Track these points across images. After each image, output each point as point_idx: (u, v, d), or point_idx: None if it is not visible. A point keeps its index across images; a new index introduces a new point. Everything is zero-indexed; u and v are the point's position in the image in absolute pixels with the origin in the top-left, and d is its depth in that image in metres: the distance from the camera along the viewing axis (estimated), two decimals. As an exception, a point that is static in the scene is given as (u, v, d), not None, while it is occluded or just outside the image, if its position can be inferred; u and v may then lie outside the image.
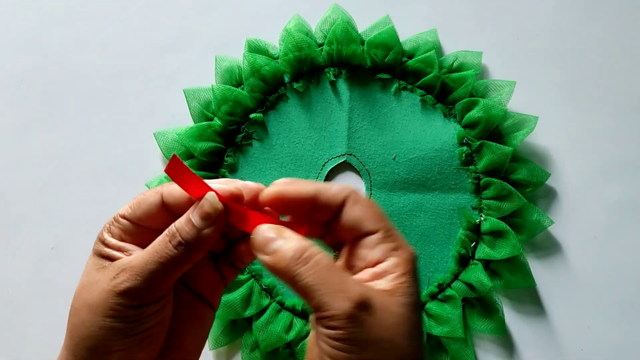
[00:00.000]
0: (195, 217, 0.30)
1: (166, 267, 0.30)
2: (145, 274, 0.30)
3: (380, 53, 0.52)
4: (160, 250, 0.30)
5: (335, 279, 0.28)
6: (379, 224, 0.31)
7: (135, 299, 0.30)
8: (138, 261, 0.30)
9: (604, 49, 0.54)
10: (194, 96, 0.53)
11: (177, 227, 0.31)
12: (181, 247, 0.30)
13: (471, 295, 0.49)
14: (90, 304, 0.30)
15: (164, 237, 0.30)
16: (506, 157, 0.50)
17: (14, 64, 0.56)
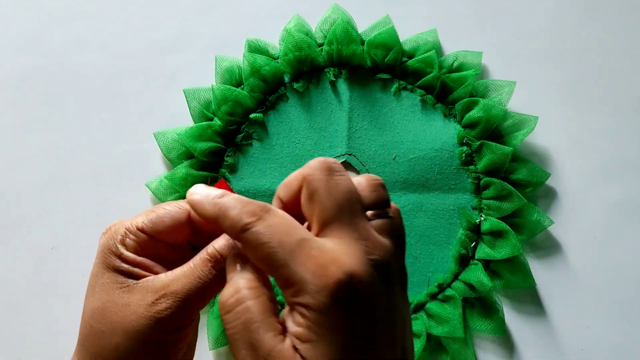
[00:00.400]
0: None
1: (206, 291, 0.29)
2: (187, 299, 0.28)
3: (380, 53, 0.52)
4: (202, 276, 0.28)
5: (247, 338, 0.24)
6: (273, 271, 0.25)
7: (174, 324, 0.29)
8: (179, 286, 0.29)
9: (604, 49, 0.54)
10: (194, 96, 0.53)
11: (219, 251, 0.29)
12: (224, 272, 0.28)
13: (471, 295, 0.49)
14: (126, 328, 0.29)
15: (205, 260, 0.29)
16: (506, 157, 0.50)
17: (14, 64, 0.56)
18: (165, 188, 0.51)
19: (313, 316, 0.23)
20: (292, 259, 0.24)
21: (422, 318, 0.49)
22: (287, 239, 0.24)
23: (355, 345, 0.23)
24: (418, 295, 0.50)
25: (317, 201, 0.26)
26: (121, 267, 0.30)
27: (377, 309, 0.24)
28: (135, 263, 0.30)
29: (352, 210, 0.26)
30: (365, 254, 0.24)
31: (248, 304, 0.25)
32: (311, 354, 0.23)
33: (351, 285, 0.23)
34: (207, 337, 0.49)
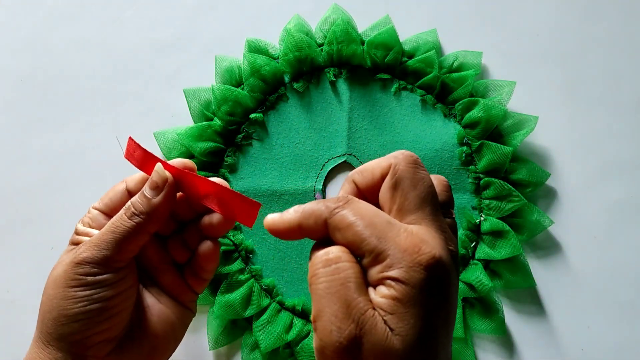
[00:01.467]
0: (146, 188, 0.33)
1: (122, 237, 0.32)
2: (102, 244, 0.32)
3: (380, 53, 0.52)
4: (115, 222, 0.33)
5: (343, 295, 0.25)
6: (363, 247, 0.26)
7: (93, 268, 0.32)
8: (96, 235, 0.33)
9: (604, 49, 0.54)
10: (194, 96, 0.53)
11: (131, 201, 0.33)
12: (135, 218, 0.33)
13: (471, 295, 0.49)
14: (54, 278, 0.33)
15: (121, 211, 0.33)
16: (506, 157, 0.50)
17: (14, 64, 0.56)
18: (165, 188, 0.51)
19: (404, 289, 0.25)
20: (383, 238, 0.26)
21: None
22: (376, 220, 0.26)
23: (435, 321, 0.25)
24: (418, 295, 0.50)
25: (402, 190, 0.27)
26: (74, 238, 0.35)
27: (452, 293, 0.26)
28: (84, 233, 0.35)
29: (433, 204, 0.28)
30: (445, 244, 0.26)
31: (350, 264, 0.26)
32: (397, 325, 0.24)
33: (440, 266, 0.25)
34: (207, 337, 0.49)
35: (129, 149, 0.34)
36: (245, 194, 0.52)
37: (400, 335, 0.24)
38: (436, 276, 0.25)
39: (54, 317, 0.32)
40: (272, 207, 0.52)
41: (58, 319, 0.31)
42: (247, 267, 0.51)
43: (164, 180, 0.33)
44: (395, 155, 0.29)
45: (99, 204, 0.36)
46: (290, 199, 0.52)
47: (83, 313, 0.31)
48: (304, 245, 0.51)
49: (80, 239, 0.34)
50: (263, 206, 0.52)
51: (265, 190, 0.52)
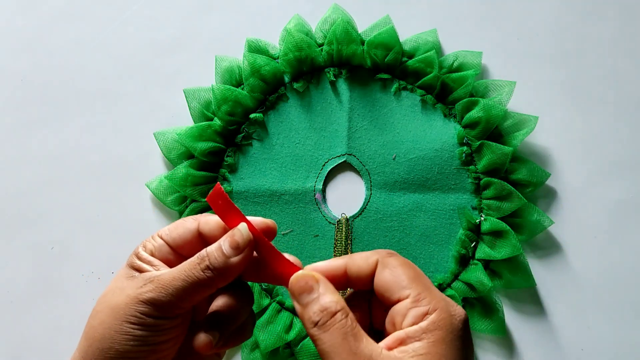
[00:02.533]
0: (226, 245, 0.32)
1: (191, 287, 0.31)
2: (171, 289, 0.31)
3: (380, 53, 0.52)
4: (187, 270, 0.31)
5: (347, 349, 0.28)
6: (408, 289, 0.30)
7: (156, 310, 0.31)
8: (166, 276, 0.32)
9: (604, 48, 0.54)
10: (194, 96, 0.53)
11: (207, 252, 0.32)
12: (208, 272, 0.31)
13: (471, 295, 0.49)
14: (113, 307, 0.31)
15: (194, 259, 0.32)
16: (506, 157, 0.50)
17: (14, 64, 0.56)
18: (165, 188, 0.51)
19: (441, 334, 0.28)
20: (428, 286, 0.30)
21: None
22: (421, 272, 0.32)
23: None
24: (418, 295, 0.50)
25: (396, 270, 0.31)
26: (134, 263, 0.33)
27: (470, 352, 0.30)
28: (146, 261, 0.33)
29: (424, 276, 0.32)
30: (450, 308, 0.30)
31: (348, 313, 0.29)
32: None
33: (468, 325, 0.30)
34: (207, 337, 0.49)
35: (214, 194, 0.33)
36: (245, 194, 0.52)
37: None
38: (467, 330, 0.29)
39: (104, 348, 0.31)
40: (272, 207, 0.52)
41: (107, 351, 0.31)
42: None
43: (246, 243, 0.32)
44: (377, 251, 0.32)
45: (166, 235, 0.34)
46: (290, 199, 0.52)
47: (134, 352, 0.31)
48: (303, 245, 0.51)
49: (142, 267, 0.33)
50: (264, 206, 0.52)
51: (265, 190, 0.52)
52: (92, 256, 0.52)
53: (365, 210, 0.52)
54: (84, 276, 0.52)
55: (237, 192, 0.52)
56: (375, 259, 0.32)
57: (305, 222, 0.51)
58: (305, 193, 0.52)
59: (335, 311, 0.29)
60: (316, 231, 0.51)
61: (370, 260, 0.32)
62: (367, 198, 0.52)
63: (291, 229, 0.51)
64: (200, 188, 0.51)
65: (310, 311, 0.30)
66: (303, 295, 0.31)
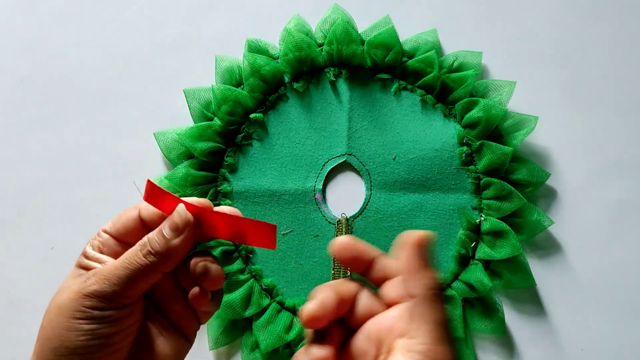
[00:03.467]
0: (166, 228, 0.32)
1: (134, 274, 0.31)
2: (113, 279, 0.31)
3: (380, 53, 0.52)
4: (130, 258, 0.31)
5: None
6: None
7: (102, 302, 0.31)
8: (108, 267, 0.32)
9: (604, 48, 0.54)
10: (194, 96, 0.53)
11: (148, 237, 0.32)
12: (150, 257, 0.31)
13: (471, 295, 0.49)
14: (60, 305, 0.31)
15: (136, 246, 0.32)
16: (506, 157, 0.50)
17: (14, 64, 0.56)
18: (165, 188, 0.51)
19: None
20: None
21: None
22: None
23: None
24: (418, 295, 0.50)
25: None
26: (82, 262, 0.33)
27: None
28: (94, 259, 0.33)
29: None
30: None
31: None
32: None
33: None
34: (207, 337, 0.49)
35: (147, 190, 0.33)
36: (245, 194, 0.52)
37: None
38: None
39: (54, 347, 0.31)
40: (272, 207, 0.52)
41: (58, 349, 0.31)
42: (247, 267, 0.51)
43: (186, 223, 0.32)
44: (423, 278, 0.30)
45: (110, 228, 0.34)
46: (290, 199, 0.52)
47: (84, 347, 0.31)
48: (303, 245, 0.51)
49: (89, 264, 0.33)
50: (264, 206, 0.52)
51: (265, 190, 0.52)
52: (92, 256, 0.52)
53: (365, 210, 0.52)
54: (84, 276, 0.52)
55: (237, 192, 0.52)
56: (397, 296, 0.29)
57: (305, 222, 0.51)
58: (305, 193, 0.52)
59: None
60: (316, 231, 0.51)
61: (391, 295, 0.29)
62: (367, 198, 0.52)
63: (291, 229, 0.51)
64: (201, 188, 0.51)
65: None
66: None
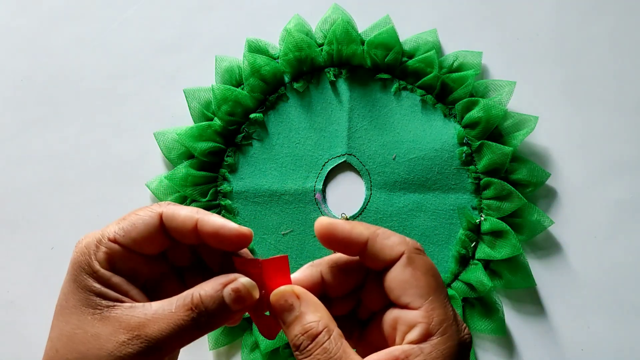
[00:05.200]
0: (229, 297, 0.28)
1: (183, 337, 0.27)
2: (161, 344, 0.27)
3: (380, 53, 0.52)
4: (182, 325, 0.27)
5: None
6: (425, 299, 0.27)
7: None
8: (155, 331, 0.27)
9: (604, 48, 0.54)
10: (194, 96, 0.53)
11: (204, 303, 0.27)
12: (204, 323, 0.27)
13: (471, 295, 0.49)
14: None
15: (188, 308, 0.27)
16: (506, 157, 0.50)
17: (14, 64, 0.56)
18: (165, 188, 0.51)
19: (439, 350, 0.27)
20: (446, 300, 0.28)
21: None
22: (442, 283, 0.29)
23: None
24: (418, 295, 0.50)
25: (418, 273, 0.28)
26: (93, 287, 0.28)
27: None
28: (109, 283, 0.28)
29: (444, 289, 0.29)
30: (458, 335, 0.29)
31: (332, 331, 0.27)
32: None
33: (468, 349, 0.29)
34: (207, 337, 0.49)
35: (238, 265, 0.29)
36: (245, 194, 0.52)
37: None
38: (468, 356, 0.29)
39: None
40: (272, 207, 0.52)
41: None
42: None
43: (252, 301, 0.28)
44: (406, 241, 0.29)
45: (122, 237, 0.29)
46: (290, 199, 0.52)
47: None
48: (304, 245, 0.51)
49: (106, 293, 0.28)
50: (264, 206, 0.52)
51: (265, 190, 0.52)
52: (92, 256, 0.52)
53: (365, 210, 0.52)
54: (84, 276, 0.52)
55: (237, 192, 0.52)
56: (401, 251, 0.28)
57: (305, 222, 0.51)
58: (305, 193, 0.52)
59: (317, 333, 0.27)
60: (316, 231, 0.51)
61: (395, 250, 0.28)
62: (367, 198, 0.52)
63: (291, 229, 0.51)
64: (200, 188, 0.51)
65: (292, 333, 0.27)
66: (284, 314, 0.28)
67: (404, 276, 0.28)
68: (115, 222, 0.30)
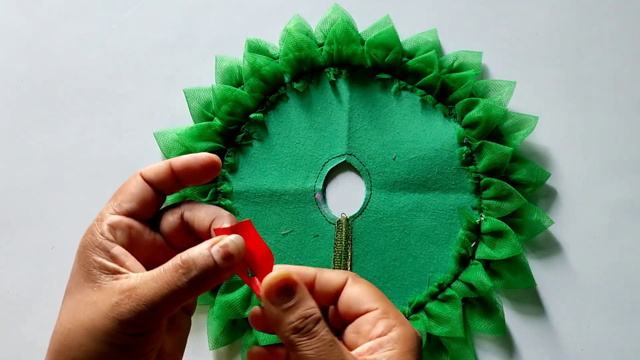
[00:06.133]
0: (217, 255, 0.29)
1: (176, 298, 0.28)
2: (152, 304, 0.28)
3: (380, 53, 0.52)
4: (172, 282, 0.28)
5: (334, 357, 0.28)
6: (378, 302, 0.32)
7: (138, 328, 0.28)
8: (145, 290, 0.28)
9: (604, 48, 0.54)
10: (194, 96, 0.53)
11: (193, 259, 0.29)
12: (195, 280, 0.28)
13: (471, 295, 0.49)
14: (89, 327, 0.29)
15: (177, 267, 0.29)
16: (506, 157, 0.50)
17: (14, 64, 0.56)
18: (165, 188, 0.51)
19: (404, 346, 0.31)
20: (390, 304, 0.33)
21: (422, 318, 0.49)
22: None
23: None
24: (418, 295, 0.50)
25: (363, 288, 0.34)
26: (94, 261, 0.30)
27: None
28: (109, 255, 0.30)
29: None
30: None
31: (327, 329, 0.29)
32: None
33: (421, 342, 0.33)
34: (207, 337, 0.49)
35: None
36: (245, 194, 0.52)
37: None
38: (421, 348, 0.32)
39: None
40: (272, 207, 0.52)
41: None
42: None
43: (240, 257, 0.30)
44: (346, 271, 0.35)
45: (118, 207, 0.32)
46: (290, 199, 0.52)
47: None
48: (304, 245, 0.51)
49: (115, 268, 0.29)
50: (264, 206, 0.52)
51: (265, 190, 0.52)
52: (92, 256, 0.52)
53: (365, 210, 0.52)
54: (84, 276, 0.52)
55: (237, 192, 0.52)
56: (345, 276, 0.33)
57: (305, 222, 0.51)
58: (305, 193, 0.52)
59: (319, 318, 0.29)
60: (316, 231, 0.51)
61: (341, 277, 0.33)
62: (367, 198, 0.52)
63: (291, 229, 0.51)
64: (200, 188, 0.51)
65: (292, 316, 0.29)
66: (281, 297, 0.29)
67: (356, 290, 0.33)
68: (111, 199, 0.34)
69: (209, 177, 0.33)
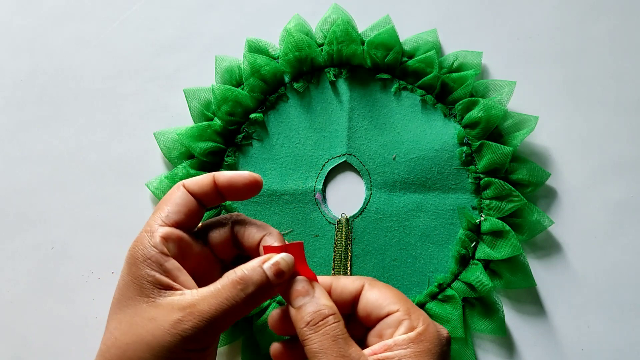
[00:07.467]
0: (270, 271, 0.31)
1: (234, 314, 0.30)
2: (213, 320, 0.29)
3: (380, 53, 0.52)
4: (231, 298, 0.30)
5: (336, 351, 0.29)
6: (399, 304, 0.32)
7: (198, 344, 0.29)
8: (206, 306, 0.29)
9: (604, 48, 0.54)
10: (194, 96, 0.53)
11: (250, 275, 0.30)
12: (253, 297, 0.30)
13: (471, 295, 0.49)
14: (150, 342, 0.29)
15: (235, 283, 0.30)
16: (506, 157, 0.50)
17: (14, 64, 0.56)
18: (165, 188, 0.51)
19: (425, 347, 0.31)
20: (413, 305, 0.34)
21: None
22: None
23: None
24: (418, 295, 0.50)
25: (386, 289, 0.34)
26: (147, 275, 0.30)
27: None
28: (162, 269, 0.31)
29: None
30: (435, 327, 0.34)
31: (340, 320, 0.30)
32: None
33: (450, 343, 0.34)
34: (207, 337, 0.49)
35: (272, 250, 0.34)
36: (245, 194, 0.52)
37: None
38: (449, 350, 0.32)
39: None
40: (272, 207, 0.52)
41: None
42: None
43: (290, 273, 0.32)
44: (361, 277, 0.35)
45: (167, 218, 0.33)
46: (290, 199, 0.52)
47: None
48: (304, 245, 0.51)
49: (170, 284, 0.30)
50: (264, 206, 0.52)
51: (265, 190, 0.52)
52: (92, 256, 0.52)
53: (365, 210, 0.52)
54: (84, 276, 0.52)
55: (237, 192, 0.52)
56: (362, 282, 0.34)
57: (305, 222, 0.51)
58: (305, 193, 0.52)
59: (329, 314, 0.30)
60: (316, 231, 0.51)
61: (357, 282, 0.34)
62: (367, 198, 0.52)
63: (291, 229, 0.52)
64: (200, 188, 0.51)
65: (304, 312, 0.30)
66: (299, 298, 0.31)
67: (374, 295, 0.33)
68: (156, 210, 0.34)
69: (250, 195, 0.35)
